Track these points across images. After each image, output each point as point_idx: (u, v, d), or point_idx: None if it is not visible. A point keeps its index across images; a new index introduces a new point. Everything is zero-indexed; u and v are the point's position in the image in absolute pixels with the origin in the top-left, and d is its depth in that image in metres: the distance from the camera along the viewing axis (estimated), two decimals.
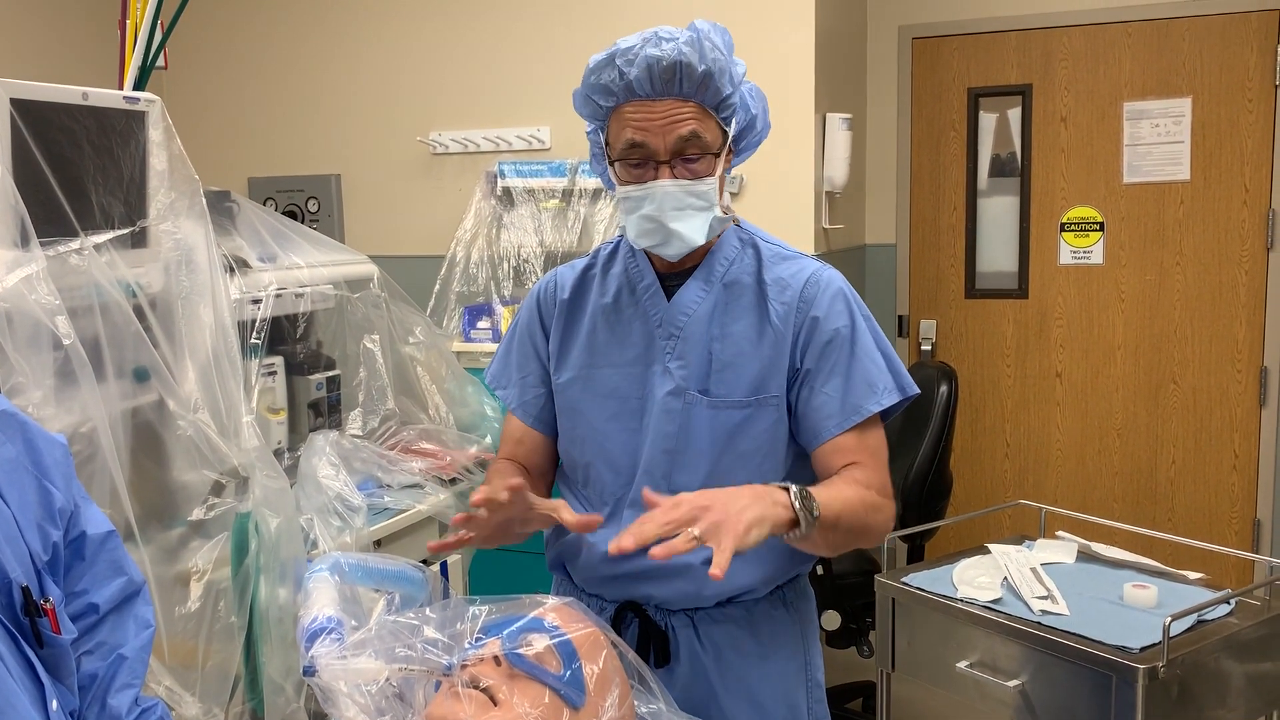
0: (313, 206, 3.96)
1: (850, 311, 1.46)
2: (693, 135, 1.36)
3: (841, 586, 2.77)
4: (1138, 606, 1.70)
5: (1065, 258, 3.91)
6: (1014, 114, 3.94)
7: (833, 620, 2.85)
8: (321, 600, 1.06)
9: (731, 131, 1.40)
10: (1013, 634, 1.67)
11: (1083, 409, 3.94)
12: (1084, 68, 3.81)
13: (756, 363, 1.44)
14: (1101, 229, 3.84)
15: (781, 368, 1.45)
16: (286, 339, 2.47)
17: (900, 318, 4.13)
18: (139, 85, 2.21)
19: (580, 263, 1.59)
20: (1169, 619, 1.53)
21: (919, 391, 1.49)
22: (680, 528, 1.18)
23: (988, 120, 3.98)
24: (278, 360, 2.42)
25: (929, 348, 4.06)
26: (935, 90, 4.01)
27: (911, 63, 4.02)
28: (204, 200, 1.81)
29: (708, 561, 1.39)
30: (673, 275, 1.50)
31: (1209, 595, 1.71)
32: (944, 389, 2.89)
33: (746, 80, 1.43)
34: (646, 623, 1.47)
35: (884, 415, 1.47)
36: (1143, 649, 1.55)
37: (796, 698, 1.52)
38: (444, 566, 2.21)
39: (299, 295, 2.42)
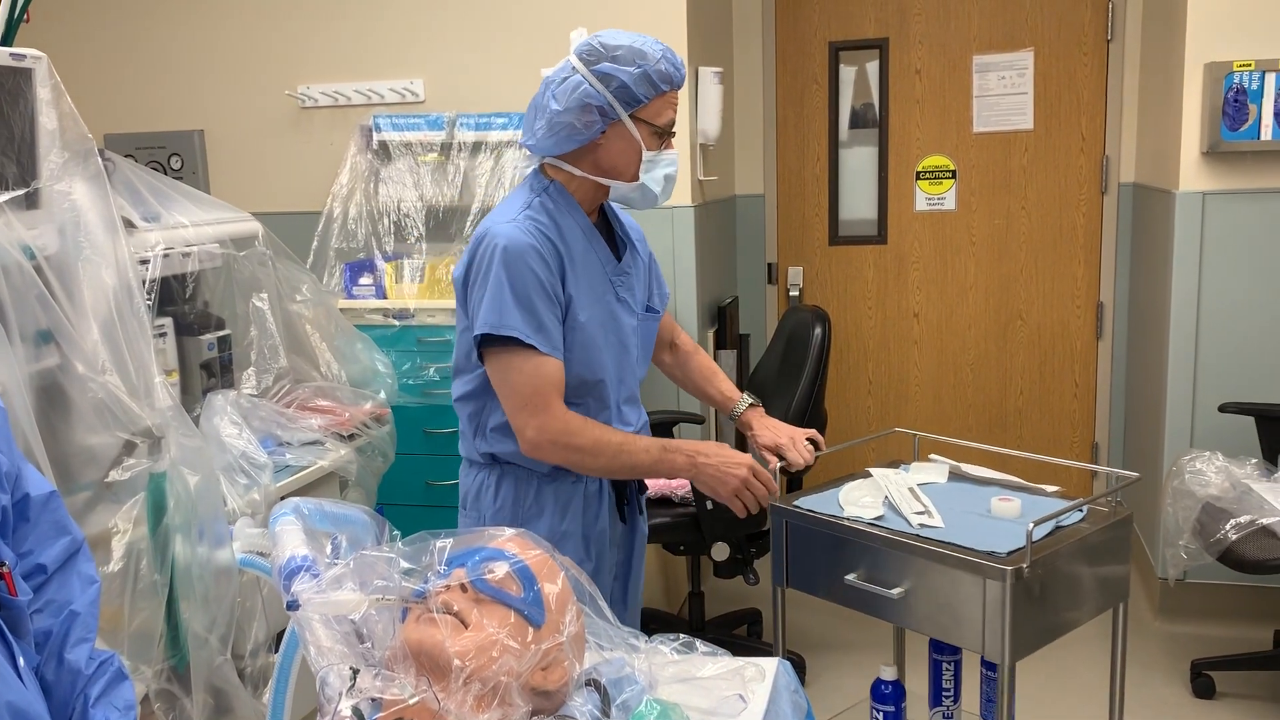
0: (175, 164, 3.85)
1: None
2: None
3: (730, 520, 2.92)
4: (1004, 517, 1.89)
5: (921, 204, 4.14)
6: (872, 67, 4.12)
7: (722, 551, 3.00)
8: (293, 541, 1.12)
9: None
10: (895, 546, 1.84)
11: (938, 346, 4.21)
12: (936, 22, 4.01)
13: (649, 280, 2.04)
14: (954, 177, 4.08)
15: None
16: (175, 299, 2.44)
17: (769, 265, 4.30)
18: (6, 41, 2.14)
19: (540, 219, 1.81)
20: (1032, 525, 1.72)
21: None
22: None
23: (847, 73, 4.16)
24: (167, 321, 2.40)
25: (796, 293, 4.25)
26: (798, 44, 4.16)
27: (775, 17, 4.16)
28: (100, 160, 1.79)
29: None
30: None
31: (1065, 504, 1.91)
32: (818, 331, 3.05)
33: None
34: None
35: None
36: (1009, 553, 1.73)
37: None
38: (380, 510, 2.30)
39: (186, 255, 2.39)
